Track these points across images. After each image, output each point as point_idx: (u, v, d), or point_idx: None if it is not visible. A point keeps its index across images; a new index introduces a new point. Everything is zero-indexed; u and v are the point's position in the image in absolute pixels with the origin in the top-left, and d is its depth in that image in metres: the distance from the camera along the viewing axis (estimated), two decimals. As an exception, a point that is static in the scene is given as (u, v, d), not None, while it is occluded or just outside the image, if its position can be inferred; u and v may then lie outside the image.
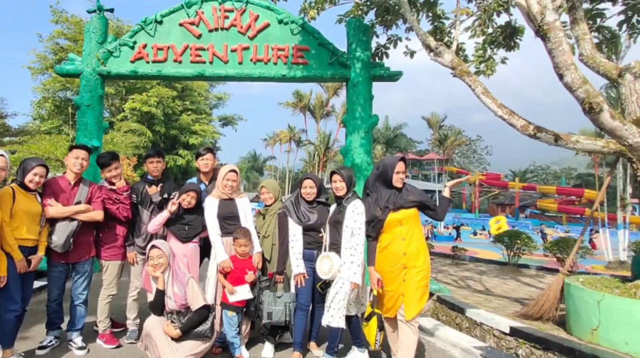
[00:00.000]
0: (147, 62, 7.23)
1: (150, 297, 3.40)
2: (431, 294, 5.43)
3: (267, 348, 3.86)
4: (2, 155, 3.10)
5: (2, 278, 3.15)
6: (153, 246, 3.39)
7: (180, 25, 7.22)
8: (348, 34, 7.29)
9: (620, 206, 13.61)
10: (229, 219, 3.82)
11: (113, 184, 4.00)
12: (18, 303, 3.29)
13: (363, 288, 3.62)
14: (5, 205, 3.22)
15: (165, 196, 4.12)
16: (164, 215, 3.82)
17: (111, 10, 7.81)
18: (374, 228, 3.43)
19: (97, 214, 3.81)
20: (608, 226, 14.73)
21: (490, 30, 6.35)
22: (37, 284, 5.25)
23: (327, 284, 3.57)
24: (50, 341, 3.79)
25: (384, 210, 3.40)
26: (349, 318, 3.57)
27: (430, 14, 6.84)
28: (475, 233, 29.22)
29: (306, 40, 7.19)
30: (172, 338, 3.21)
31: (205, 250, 4.11)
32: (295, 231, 3.71)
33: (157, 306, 3.36)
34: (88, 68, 7.19)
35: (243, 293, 3.65)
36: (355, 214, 3.43)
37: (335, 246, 3.52)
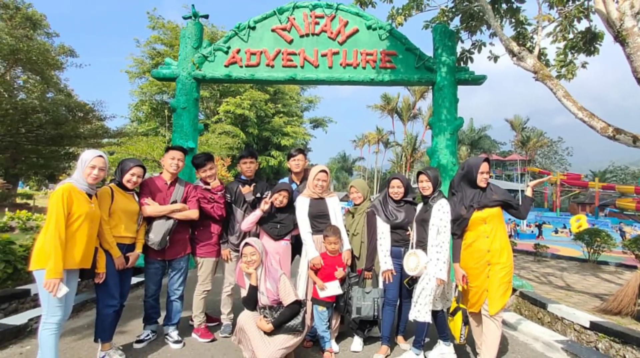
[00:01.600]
0: (241, 67, 7.43)
1: (244, 293, 3.50)
2: (514, 290, 5.48)
3: (356, 342, 3.95)
4: (101, 156, 3.15)
5: (102, 275, 3.26)
6: (246, 244, 3.44)
7: (273, 31, 7.43)
8: (434, 40, 7.40)
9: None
10: (319, 218, 3.90)
11: (208, 184, 4.08)
12: (116, 298, 3.39)
13: (448, 284, 3.69)
14: (104, 204, 3.32)
15: (258, 195, 4.19)
16: (257, 214, 3.92)
17: (206, 17, 8.05)
18: (459, 226, 3.53)
19: (193, 213, 3.87)
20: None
21: (571, 35, 6.42)
22: (134, 280, 5.45)
23: (413, 280, 3.65)
24: (148, 335, 3.90)
25: (468, 209, 3.49)
26: (435, 313, 3.64)
27: (513, 20, 6.94)
28: (556, 231, 29.41)
29: (394, 45, 7.33)
30: (265, 333, 3.28)
31: (296, 247, 4.18)
32: (383, 229, 3.81)
33: (250, 301, 3.44)
34: (184, 72, 7.43)
35: (333, 288, 3.72)
36: (441, 213, 3.52)
37: (422, 244, 3.60)
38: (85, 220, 2.99)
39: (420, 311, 3.49)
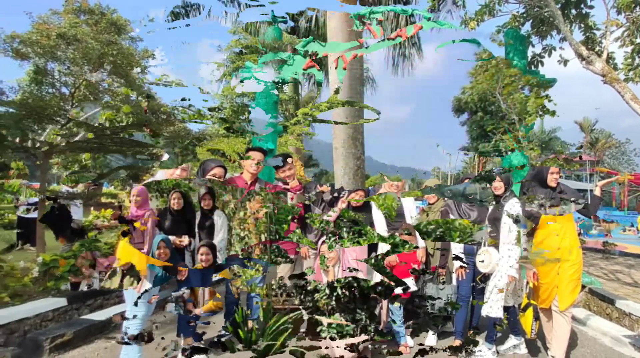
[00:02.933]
0: (319, 70, 7.63)
1: (321, 289, 3.68)
2: (583, 286, 5.48)
3: (430, 336, 4.10)
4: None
5: (184, 272, 3.31)
6: (324, 242, 3.59)
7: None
8: (505, 44, 7.45)
9: None
10: (395, 217, 4.04)
11: (287, 184, 4.09)
12: (203, 294, 3.52)
13: (520, 281, 3.78)
14: (187, 203, 3.42)
15: (336, 195, 4.24)
16: (334, 213, 4.07)
17: (285, 22, 8.37)
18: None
19: None
20: None
21: (638, 40, 6.43)
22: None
23: (486, 277, 3.75)
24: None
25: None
26: (506, 309, 3.74)
27: (582, 26, 7.06)
28: (624, 230, 29.29)
29: None
30: (342, 327, 3.45)
31: (372, 245, 4.16)
32: (456, 228, 3.99)
33: (328, 297, 3.65)
34: (263, 75, 7.65)
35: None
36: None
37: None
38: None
39: (492, 306, 3.60)
